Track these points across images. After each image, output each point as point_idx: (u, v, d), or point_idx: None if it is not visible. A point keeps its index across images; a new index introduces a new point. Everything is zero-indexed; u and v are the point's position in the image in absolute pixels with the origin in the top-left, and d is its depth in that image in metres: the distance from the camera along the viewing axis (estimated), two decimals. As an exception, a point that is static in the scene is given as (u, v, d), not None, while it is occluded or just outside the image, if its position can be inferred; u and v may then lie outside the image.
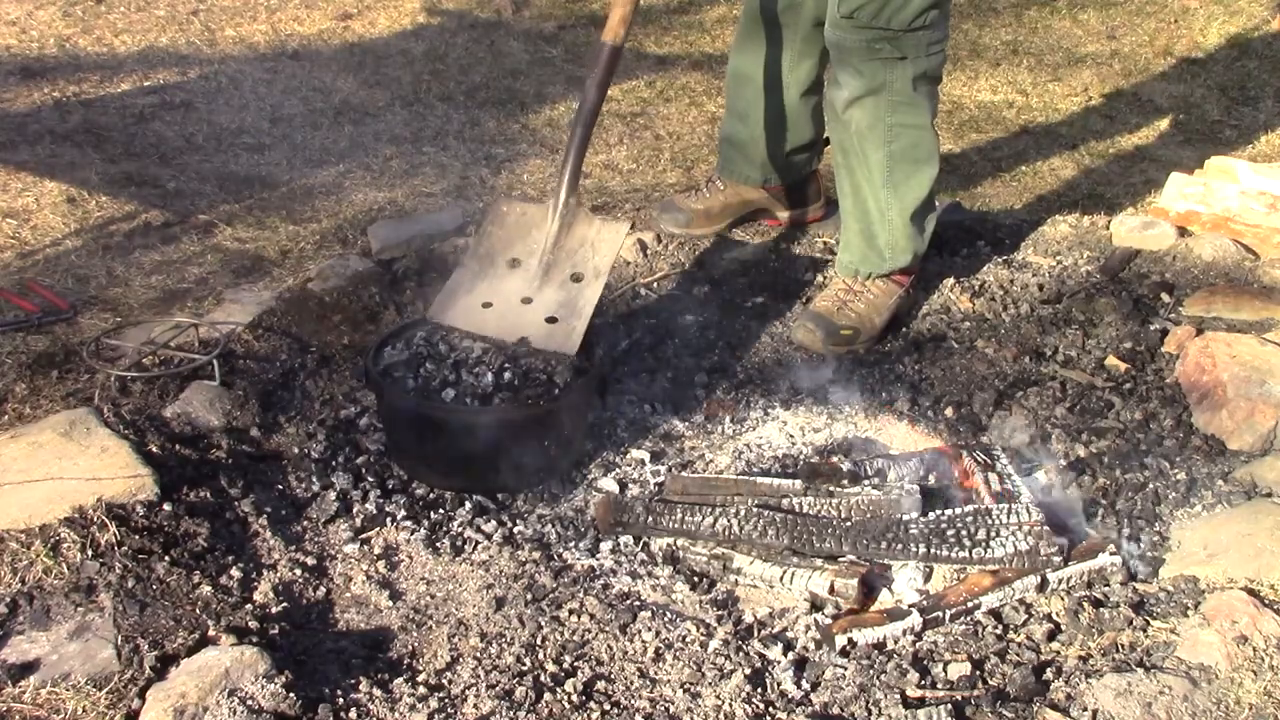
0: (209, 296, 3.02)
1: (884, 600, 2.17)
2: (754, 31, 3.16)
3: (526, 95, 4.57)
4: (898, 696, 1.92)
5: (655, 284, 3.21)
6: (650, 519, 2.28)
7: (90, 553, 2.10)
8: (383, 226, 3.36)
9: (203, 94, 4.39)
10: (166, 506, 2.24)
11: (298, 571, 2.21)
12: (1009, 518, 2.19)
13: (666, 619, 2.10)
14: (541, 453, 2.42)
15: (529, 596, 2.15)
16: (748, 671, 1.97)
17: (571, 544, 2.30)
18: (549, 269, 2.64)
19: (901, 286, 3.01)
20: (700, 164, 3.96)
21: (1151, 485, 2.45)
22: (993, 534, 2.17)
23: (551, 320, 2.57)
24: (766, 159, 3.30)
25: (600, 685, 1.95)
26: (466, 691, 1.92)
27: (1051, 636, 2.06)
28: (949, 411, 2.71)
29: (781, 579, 2.18)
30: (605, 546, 2.30)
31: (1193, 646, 1.95)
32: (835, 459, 2.39)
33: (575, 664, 2.00)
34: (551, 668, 1.98)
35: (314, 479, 2.44)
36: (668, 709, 1.91)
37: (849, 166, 2.92)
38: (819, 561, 2.18)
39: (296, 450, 2.52)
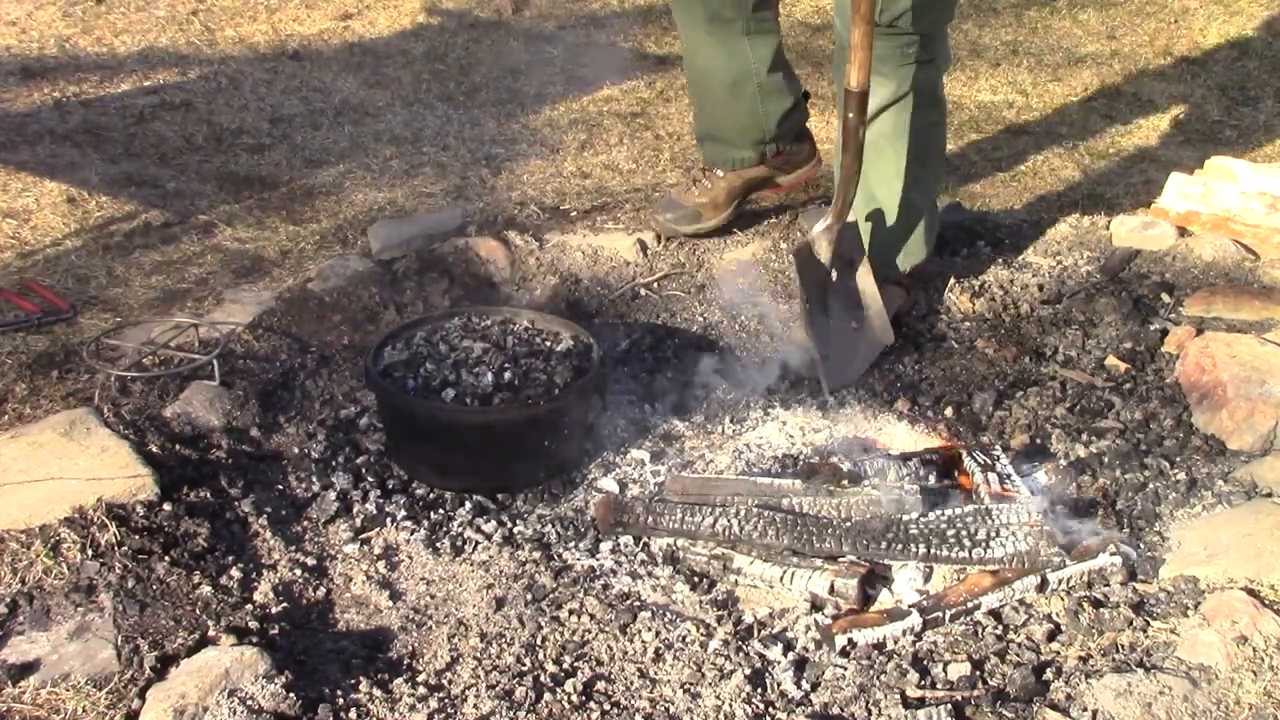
0: (209, 296, 3.02)
1: (884, 600, 2.17)
2: (700, 30, 3.06)
3: (526, 95, 4.57)
4: (898, 696, 1.92)
5: (655, 284, 3.21)
6: (650, 519, 2.28)
7: (90, 553, 2.10)
8: (383, 226, 3.36)
9: (203, 94, 4.39)
10: (166, 506, 2.24)
11: (298, 571, 2.21)
12: (1009, 518, 2.19)
13: (666, 619, 2.10)
14: (541, 453, 2.42)
15: (529, 596, 2.15)
16: (748, 671, 1.97)
17: (571, 544, 2.30)
18: (829, 286, 2.80)
19: (903, 286, 3.01)
20: (701, 164, 3.96)
21: (1151, 485, 2.45)
22: (993, 534, 2.17)
23: (855, 327, 2.73)
24: (757, 139, 3.23)
25: (600, 685, 1.95)
26: (466, 691, 1.92)
27: (1051, 636, 2.06)
28: (949, 411, 2.71)
29: (781, 579, 2.18)
30: (605, 546, 2.30)
31: (1193, 646, 1.95)
32: (835, 459, 2.39)
33: (575, 664, 2.00)
34: (551, 668, 1.98)
35: (314, 479, 2.44)
36: (668, 709, 1.91)
37: (863, 168, 2.85)
38: (819, 561, 2.18)
39: (296, 450, 2.52)
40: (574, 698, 1.91)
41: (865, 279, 2.82)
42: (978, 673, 1.98)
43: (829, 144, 3.22)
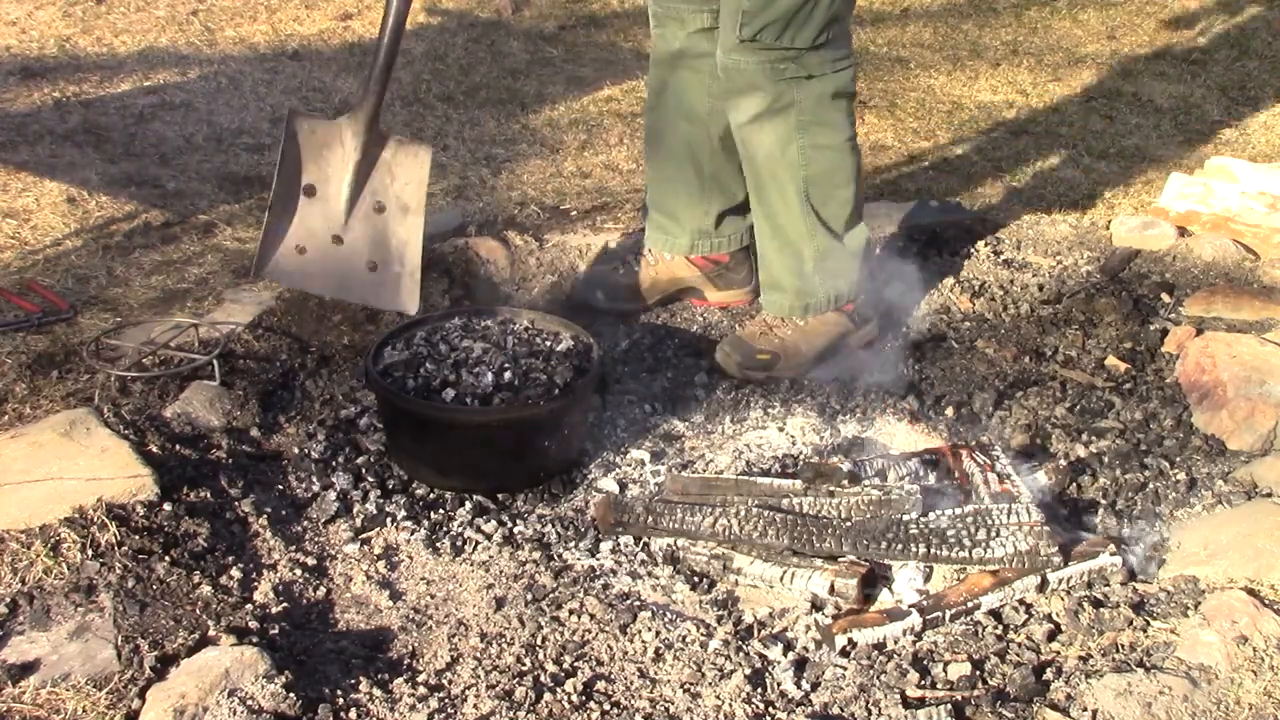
0: (209, 296, 3.02)
1: (884, 600, 2.17)
2: (669, 57, 2.90)
3: (526, 95, 4.57)
4: (898, 696, 1.92)
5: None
6: (650, 519, 2.28)
7: (90, 553, 2.10)
8: (383, 226, 3.35)
9: (203, 94, 4.39)
10: (166, 506, 2.24)
11: (298, 571, 2.21)
12: (1009, 518, 2.19)
13: (666, 619, 2.10)
14: (541, 453, 2.42)
15: (529, 596, 2.15)
16: (748, 671, 1.97)
17: (571, 544, 2.30)
18: (349, 198, 2.43)
19: (845, 315, 2.89)
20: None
21: (1151, 485, 2.45)
22: (993, 534, 2.17)
23: (372, 267, 2.40)
24: (695, 225, 3.03)
25: (600, 685, 1.95)
26: (466, 691, 1.92)
27: (1051, 636, 2.06)
28: (949, 411, 2.71)
29: (781, 579, 2.18)
30: (605, 546, 2.30)
31: (1193, 646, 1.95)
32: (835, 459, 2.39)
33: (575, 664, 2.00)
34: (551, 668, 1.98)
35: (314, 479, 2.44)
36: (668, 709, 1.91)
37: (764, 198, 2.78)
38: (819, 561, 2.18)
39: (296, 450, 2.52)
40: (574, 698, 1.91)
41: (405, 234, 2.47)
42: (978, 673, 1.98)
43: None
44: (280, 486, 2.43)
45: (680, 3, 2.81)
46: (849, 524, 2.22)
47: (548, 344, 2.56)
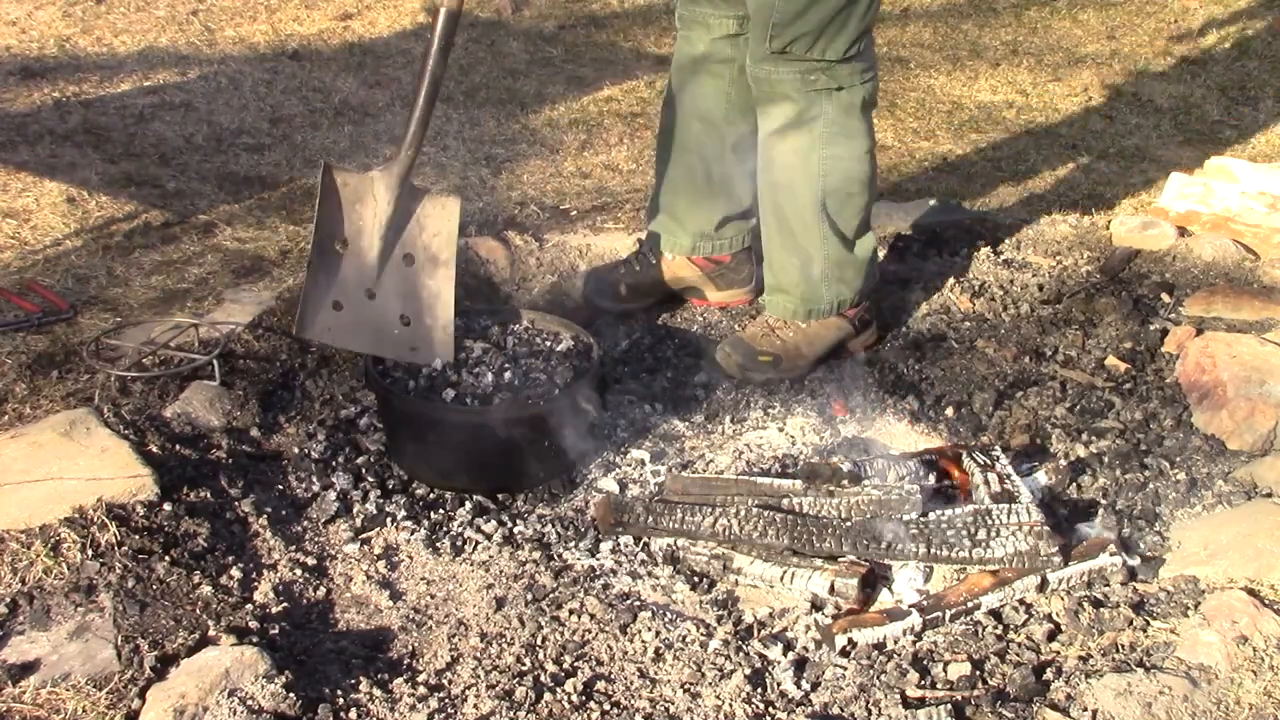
0: (209, 296, 3.02)
1: (884, 600, 2.17)
2: (684, 84, 2.91)
3: (526, 95, 4.57)
4: (898, 696, 1.92)
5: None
6: (650, 519, 2.28)
7: (90, 553, 2.10)
8: (383, 226, 3.35)
9: (203, 94, 4.39)
10: (166, 506, 2.24)
11: (298, 571, 2.21)
12: (1009, 518, 2.19)
13: (666, 619, 2.10)
14: (541, 452, 2.42)
15: (529, 596, 2.15)
16: (748, 671, 1.97)
17: (571, 544, 2.30)
18: (381, 251, 2.44)
19: (847, 320, 2.88)
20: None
21: (1151, 485, 2.45)
22: (993, 534, 2.17)
23: (406, 321, 2.44)
24: (696, 228, 3.02)
25: (600, 685, 1.95)
26: (466, 691, 1.92)
27: (1051, 636, 2.06)
28: (949, 411, 2.71)
29: (781, 579, 2.18)
30: (605, 546, 2.30)
31: (1193, 646, 1.95)
32: (835, 459, 2.39)
33: (575, 664, 2.00)
34: (551, 668, 1.98)
35: (314, 479, 2.44)
36: (668, 709, 1.91)
37: (779, 204, 2.77)
38: (819, 561, 2.18)
39: (296, 450, 2.52)
40: (574, 698, 1.91)
41: (437, 286, 2.47)
42: (978, 673, 1.98)
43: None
44: (280, 486, 2.43)
45: (706, 8, 2.80)
46: (849, 524, 2.22)
47: (548, 344, 2.56)
